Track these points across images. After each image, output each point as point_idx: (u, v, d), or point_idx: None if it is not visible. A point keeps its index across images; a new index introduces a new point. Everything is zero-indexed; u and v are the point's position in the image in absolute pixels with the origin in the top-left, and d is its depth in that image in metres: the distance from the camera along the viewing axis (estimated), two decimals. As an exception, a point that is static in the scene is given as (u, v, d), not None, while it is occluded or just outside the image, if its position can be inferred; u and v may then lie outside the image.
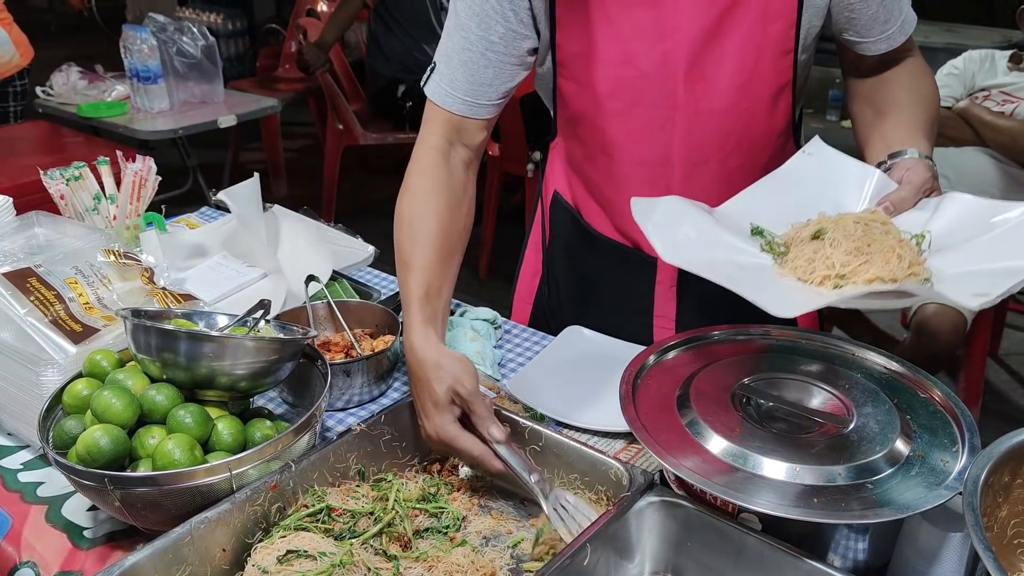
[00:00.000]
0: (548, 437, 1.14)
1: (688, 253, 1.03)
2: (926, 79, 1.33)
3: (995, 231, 1.01)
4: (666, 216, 1.08)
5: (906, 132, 1.22)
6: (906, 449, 1.01)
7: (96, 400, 1.05)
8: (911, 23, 1.30)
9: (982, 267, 0.98)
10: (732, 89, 1.26)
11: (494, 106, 1.32)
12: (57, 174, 1.56)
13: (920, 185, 1.10)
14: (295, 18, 4.97)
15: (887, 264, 0.98)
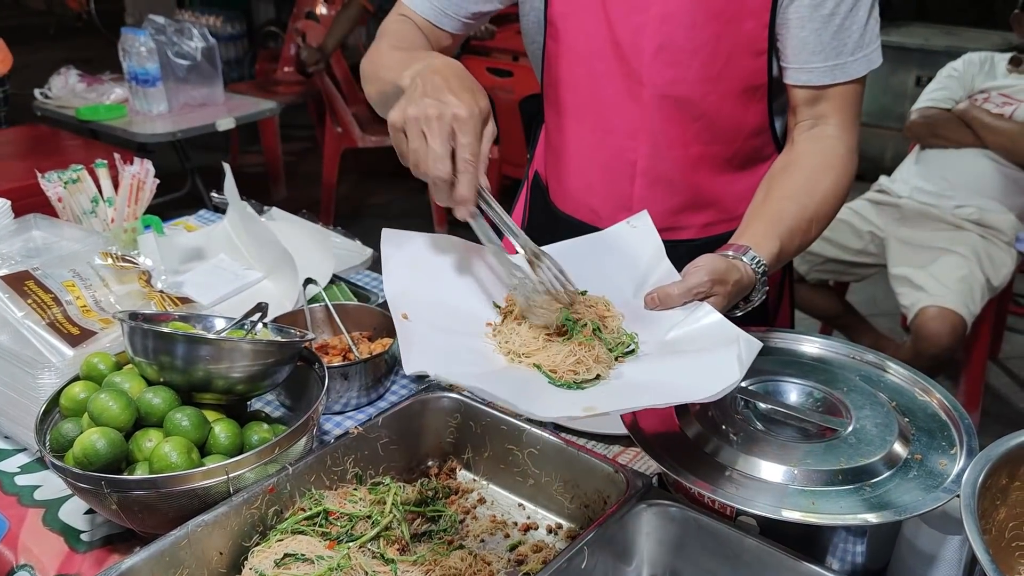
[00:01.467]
0: (546, 441, 1.14)
1: (403, 285, 1.03)
2: (831, 173, 1.23)
3: (699, 355, 0.98)
4: (416, 249, 1.07)
5: (760, 227, 1.17)
6: (904, 452, 1.01)
7: (93, 403, 1.05)
8: (843, 72, 1.23)
9: (653, 381, 0.97)
10: (702, 80, 1.26)
11: (459, 21, 1.36)
12: (55, 177, 1.56)
13: (691, 287, 1.05)
14: (294, 21, 4.97)
15: (556, 356, 0.97)
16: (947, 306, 2.45)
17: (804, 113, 1.28)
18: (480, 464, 1.21)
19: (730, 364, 0.93)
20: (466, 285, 1.08)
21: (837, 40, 1.22)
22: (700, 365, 0.96)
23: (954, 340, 2.45)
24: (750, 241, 1.14)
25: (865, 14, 1.22)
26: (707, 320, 1.03)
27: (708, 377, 0.91)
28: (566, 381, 0.97)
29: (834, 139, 1.26)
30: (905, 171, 2.90)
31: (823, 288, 2.90)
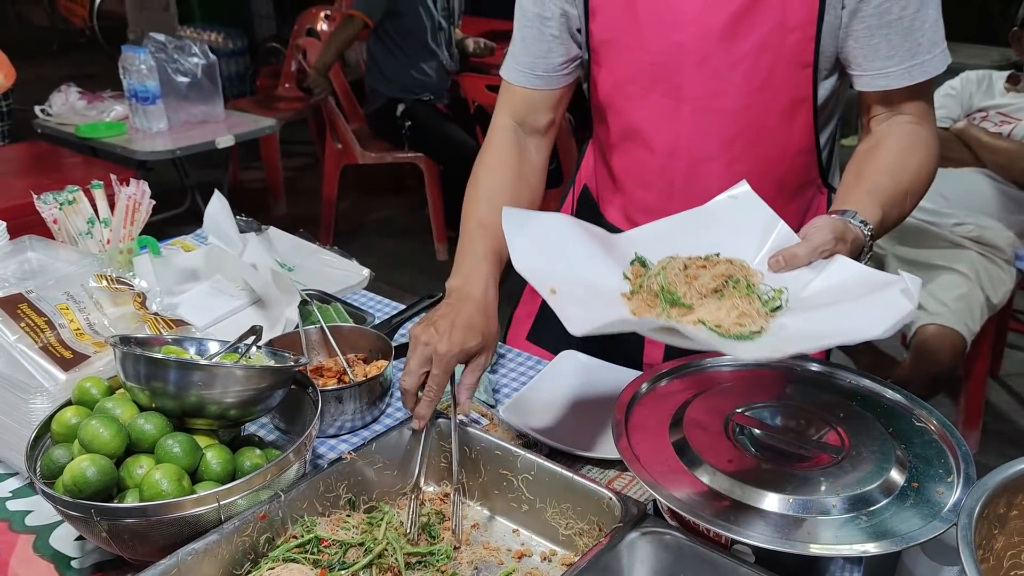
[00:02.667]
0: (540, 466, 1.13)
1: (537, 262, 1.05)
2: (919, 151, 1.26)
3: (859, 299, 1.00)
4: (539, 229, 1.10)
5: (861, 195, 1.20)
6: (901, 479, 1.00)
7: (84, 429, 1.05)
8: (919, 74, 1.23)
9: (821, 327, 0.98)
10: (745, 92, 1.27)
11: (552, 78, 1.41)
12: (50, 198, 1.56)
13: (817, 246, 1.08)
14: (295, 38, 5.00)
15: (716, 312, 1.00)
16: (947, 324, 2.44)
17: (878, 109, 1.29)
18: (474, 489, 1.20)
19: (898, 300, 0.94)
20: (591, 259, 1.10)
21: (910, 41, 1.22)
22: (865, 307, 0.97)
23: (954, 358, 2.44)
24: (854, 206, 1.15)
25: (935, 11, 1.22)
26: (851, 270, 1.05)
27: (879, 315, 0.93)
28: (734, 334, 0.98)
29: (914, 124, 1.27)
30: (904, 189, 2.90)
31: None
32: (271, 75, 5.56)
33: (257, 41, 6.85)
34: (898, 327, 0.92)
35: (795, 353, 0.95)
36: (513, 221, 1.08)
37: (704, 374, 1.20)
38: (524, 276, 1.04)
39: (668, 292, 1.03)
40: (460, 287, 1.26)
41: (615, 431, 1.08)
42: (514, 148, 1.42)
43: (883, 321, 0.92)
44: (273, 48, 6.31)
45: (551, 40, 1.38)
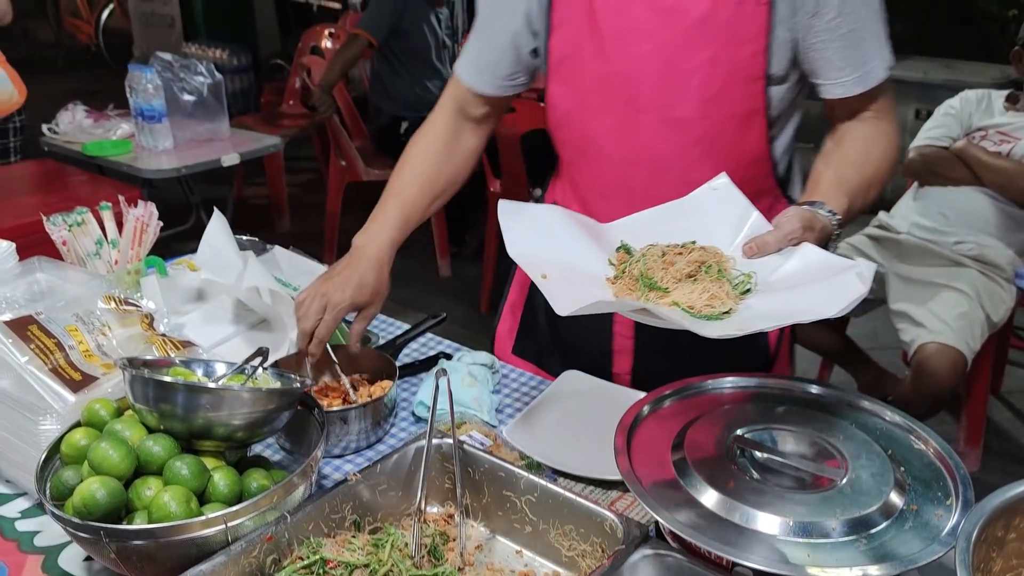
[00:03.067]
0: (543, 488, 1.15)
1: (529, 250, 1.14)
2: (880, 143, 1.36)
3: (818, 282, 1.10)
4: (533, 220, 1.19)
5: (829, 187, 1.29)
6: (900, 502, 1.01)
7: (93, 452, 1.06)
8: (872, 78, 1.32)
9: (781, 308, 1.08)
10: (699, 102, 1.33)
11: (498, 86, 1.50)
12: (60, 220, 1.58)
13: (786, 234, 1.17)
14: (299, 55, 5.04)
15: (690, 294, 1.09)
16: (947, 343, 2.45)
17: (841, 110, 1.38)
18: (478, 510, 1.21)
19: (853, 282, 1.04)
20: (580, 246, 1.19)
21: (860, 52, 1.31)
22: (823, 289, 1.06)
23: (955, 377, 2.45)
24: (822, 197, 1.25)
25: (877, 21, 1.31)
26: (813, 256, 1.14)
27: (835, 296, 1.02)
28: (705, 314, 1.07)
29: (875, 119, 1.37)
30: (904, 207, 2.91)
31: (824, 324, 2.90)
32: (275, 92, 5.60)
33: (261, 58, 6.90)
34: (851, 307, 1.02)
35: (757, 330, 1.03)
36: (508, 212, 1.18)
37: (705, 396, 1.22)
38: (517, 262, 1.13)
39: (647, 277, 1.12)
40: (363, 245, 1.44)
41: (617, 454, 1.09)
42: (449, 130, 1.53)
43: (838, 302, 1.01)
44: (277, 65, 6.36)
45: (502, 51, 1.46)
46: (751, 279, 1.13)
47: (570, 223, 1.21)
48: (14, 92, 3.35)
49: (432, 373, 1.48)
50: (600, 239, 1.22)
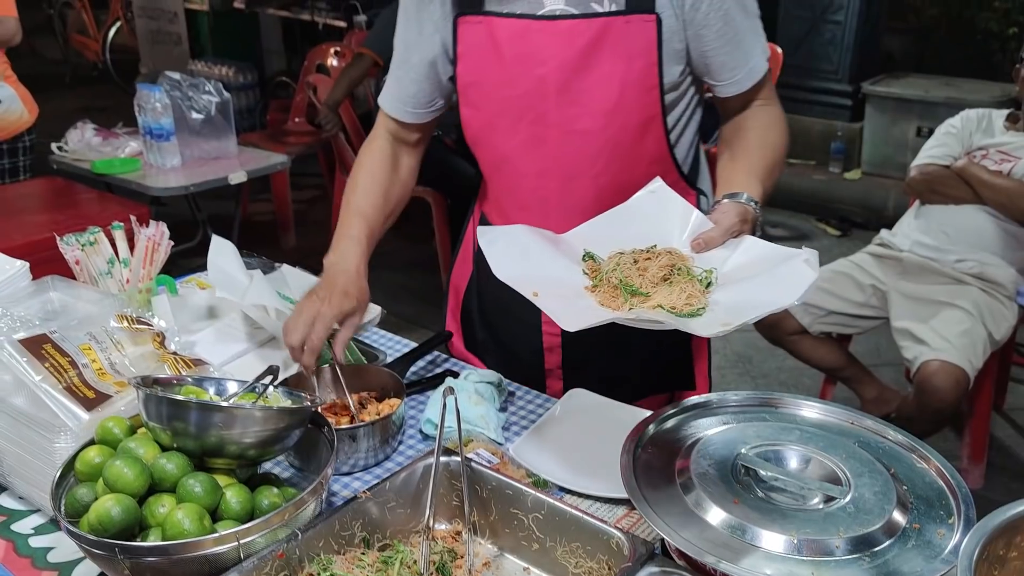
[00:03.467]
0: (551, 506, 1.16)
1: (515, 270, 1.20)
2: (775, 127, 1.51)
3: (771, 273, 1.18)
4: (508, 241, 1.26)
5: (743, 176, 1.41)
6: (903, 520, 1.02)
7: (108, 469, 1.08)
8: (758, 72, 1.47)
9: (746, 300, 1.16)
10: (600, 114, 1.44)
11: (420, 114, 1.60)
12: (73, 240, 1.61)
13: (728, 227, 1.28)
14: (305, 74, 5.08)
15: (669, 296, 1.17)
16: (950, 360, 2.47)
17: (735, 102, 1.51)
18: (486, 528, 1.22)
19: (802, 271, 1.14)
20: (553, 260, 1.27)
21: (743, 51, 1.45)
22: (778, 279, 1.16)
23: (958, 394, 2.46)
24: (740, 187, 1.36)
25: (751, 21, 1.45)
26: (759, 248, 1.24)
27: (790, 286, 1.12)
28: (687, 312, 1.15)
29: (766, 105, 1.52)
30: (905, 225, 2.93)
31: (826, 340, 2.92)
32: (281, 109, 5.64)
33: (267, 75, 6.96)
34: (808, 294, 1.12)
35: (740, 324, 1.11)
36: (487, 237, 1.25)
37: (709, 415, 1.23)
38: (508, 283, 1.19)
39: (628, 284, 1.20)
40: (336, 262, 1.51)
41: (623, 471, 1.10)
42: (388, 153, 1.64)
43: (795, 290, 1.11)
44: (283, 82, 6.41)
45: (419, 82, 1.56)
46: (712, 274, 1.22)
47: (538, 239, 1.29)
48: (24, 112, 3.39)
49: (439, 391, 1.51)
50: (565, 249, 1.30)
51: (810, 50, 5.52)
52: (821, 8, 5.45)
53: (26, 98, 3.43)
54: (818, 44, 5.52)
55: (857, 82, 5.43)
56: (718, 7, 1.39)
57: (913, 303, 2.70)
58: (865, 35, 5.45)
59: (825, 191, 5.35)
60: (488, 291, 1.72)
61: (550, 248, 1.28)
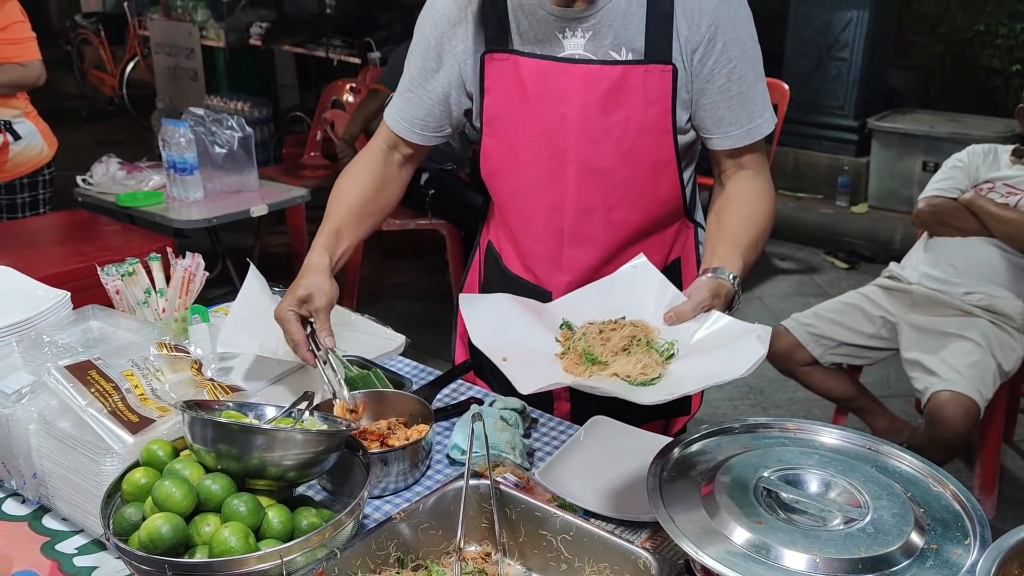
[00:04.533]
0: (579, 527, 1.20)
1: (490, 338, 1.28)
2: (762, 200, 1.55)
3: (726, 347, 1.25)
4: (488, 310, 1.35)
5: (726, 250, 1.46)
6: (921, 541, 1.06)
7: (158, 489, 1.13)
8: (756, 133, 1.52)
9: (697, 372, 1.23)
10: (617, 154, 1.51)
11: (424, 136, 1.66)
12: (113, 270, 1.67)
13: (699, 302, 1.33)
14: (321, 110, 5.18)
15: (626, 365, 1.24)
16: (960, 391, 2.50)
17: (727, 164, 1.57)
18: (515, 549, 1.26)
19: (753, 345, 1.20)
20: (531, 328, 1.35)
21: (747, 110, 1.50)
22: (731, 352, 1.22)
23: (968, 424, 2.49)
24: (721, 263, 1.42)
25: (761, 86, 1.51)
26: (722, 323, 1.31)
27: (741, 359, 1.18)
28: (641, 381, 1.22)
29: (756, 178, 1.57)
30: (914, 258, 2.98)
31: (837, 371, 2.96)
32: (295, 143, 5.74)
33: (281, 110, 7.08)
34: (755, 366, 1.17)
35: (683, 394, 1.19)
36: (468, 304, 1.35)
37: (732, 440, 1.28)
38: (481, 349, 1.27)
39: (589, 354, 1.27)
40: (308, 262, 1.56)
41: (650, 493, 1.14)
42: (381, 163, 1.69)
43: (744, 363, 1.17)
44: (297, 117, 6.52)
45: (431, 107, 1.62)
46: (673, 346, 1.29)
47: (520, 308, 1.37)
48: (44, 147, 3.49)
49: (464, 417, 1.55)
50: (545, 319, 1.37)
51: (816, 86, 5.62)
52: (827, 45, 5.55)
53: (46, 133, 3.53)
54: (824, 81, 5.61)
55: (863, 118, 5.51)
56: (724, 63, 1.45)
57: (923, 335, 2.75)
58: (870, 72, 5.55)
59: (832, 225, 5.41)
60: None
61: (529, 317, 1.36)
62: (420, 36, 1.61)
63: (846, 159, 5.60)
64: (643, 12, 1.44)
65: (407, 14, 6.42)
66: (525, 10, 1.49)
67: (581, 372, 1.25)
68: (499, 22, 1.52)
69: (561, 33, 1.48)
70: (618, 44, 1.46)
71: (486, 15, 1.53)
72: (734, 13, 1.46)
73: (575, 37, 1.47)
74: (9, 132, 3.40)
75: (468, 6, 1.54)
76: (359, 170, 1.69)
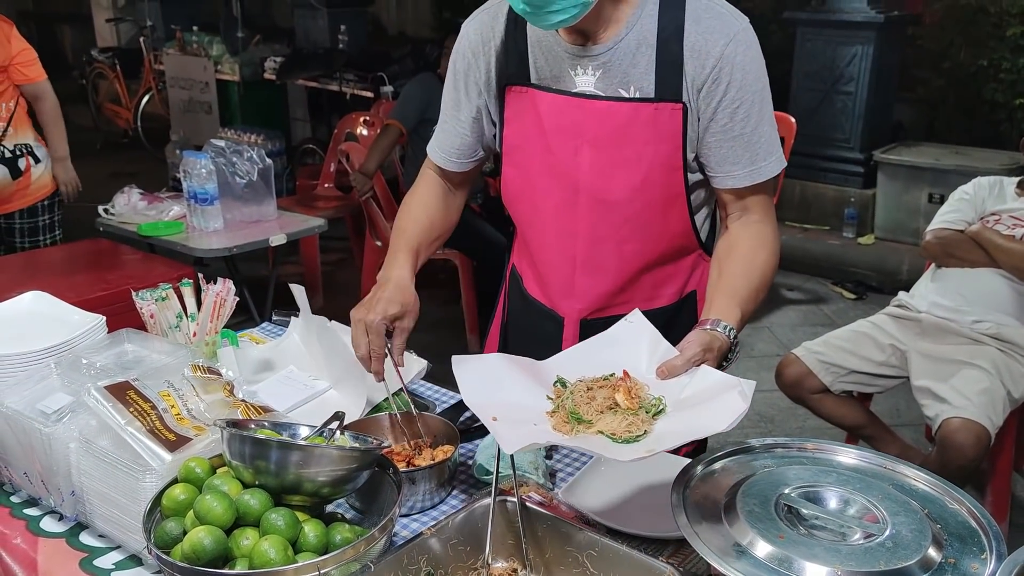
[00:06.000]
0: (604, 544, 1.24)
1: (481, 398, 1.30)
2: (764, 248, 1.56)
3: (710, 402, 1.28)
4: (482, 370, 1.36)
5: (724, 300, 1.49)
6: (938, 556, 1.09)
7: (199, 504, 1.17)
8: (759, 176, 1.54)
9: (679, 428, 1.26)
10: (628, 188, 1.56)
11: (463, 163, 1.74)
12: (147, 295, 1.72)
13: (690, 357, 1.36)
14: (336, 141, 5.27)
15: (611, 423, 1.27)
16: (971, 418, 2.53)
17: (733, 207, 1.59)
18: (540, 565, 1.30)
19: (736, 401, 1.23)
20: (523, 387, 1.37)
21: (750, 151, 1.52)
22: (715, 408, 1.25)
23: (979, 451, 2.52)
24: (718, 314, 1.45)
25: (767, 129, 1.53)
26: (710, 378, 1.33)
27: (723, 415, 1.21)
28: (625, 438, 1.25)
29: (760, 224, 1.58)
30: (923, 287, 3.03)
31: (848, 399, 2.99)
32: (308, 175, 5.83)
33: (293, 142, 7.19)
34: (737, 421, 1.19)
35: (662, 450, 1.22)
36: (461, 364, 1.36)
37: (753, 459, 1.31)
38: (471, 408, 1.29)
39: (573, 412, 1.31)
40: (385, 276, 1.62)
41: (674, 509, 1.18)
42: (440, 188, 1.79)
43: (726, 418, 1.20)
44: (309, 149, 6.63)
45: (464, 136, 1.70)
46: (662, 402, 1.32)
47: (514, 367, 1.39)
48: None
49: (487, 438, 1.59)
50: (539, 376, 1.40)
51: (823, 120, 5.70)
52: (832, 79, 5.64)
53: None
54: (830, 114, 5.70)
55: (869, 150, 5.59)
56: (728, 103, 1.48)
57: (933, 363, 2.78)
58: (876, 105, 5.63)
59: (840, 256, 5.46)
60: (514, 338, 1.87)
61: (522, 376, 1.38)
62: (451, 70, 1.69)
63: (853, 191, 5.66)
64: (652, 53, 1.49)
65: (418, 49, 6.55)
66: (542, 47, 1.56)
67: (568, 430, 1.28)
68: (520, 57, 1.59)
69: (574, 70, 1.54)
70: (627, 82, 1.52)
71: (508, 50, 1.60)
72: (743, 54, 1.48)
73: (586, 75, 1.53)
74: (31, 156, 3.54)
75: (492, 40, 1.62)
76: (424, 193, 1.77)
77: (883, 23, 5.48)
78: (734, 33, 1.48)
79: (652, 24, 1.49)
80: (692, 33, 1.48)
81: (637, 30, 1.49)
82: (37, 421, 1.40)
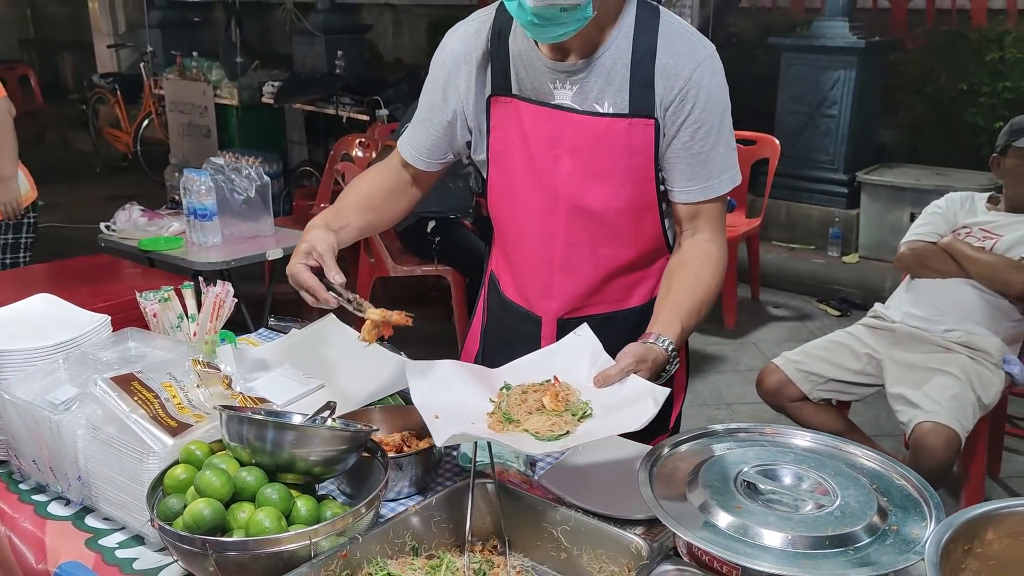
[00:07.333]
0: (576, 519, 1.33)
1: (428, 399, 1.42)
2: (710, 266, 1.67)
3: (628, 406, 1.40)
4: (432, 375, 1.49)
5: (666, 315, 1.60)
6: (882, 524, 1.19)
7: (199, 479, 1.26)
8: (711, 192, 1.65)
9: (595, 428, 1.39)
10: (603, 197, 1.66)
11: (430, 163, 1.81)
12: (150, 295, 1.82)
13: (623, 368, 1.46)
14: (332, 162, 5.39)
15: (536, 423, 1.40)
16: (941, 421, 2.62)
17: (686, 224, 1.70)
18: (519, 541, 1.38)
19: (647, 404, 1.36)
20: (469, 391, 1.50)
21: (704, 170, 1.63)
22: (632, 411, 1.38)
23: (949, 453, 2.61)
24: (659, 328, 1.57)
25: (723, 149, 1.64)
26: (635, 386, 1.45)
27: (637, 417, 1.33)
28: (547, 436, 1.38)
29: (709, 242, 1.69)
30: (897, 299, 3.13)
31: (826, 407, 3.08)
32: (305, 196, 5.93)
33: (290, 165, 7.31)
34: (646, 422, 1.31)
35: (574, 445, 1.39)
36: (412, 371, 1.48)
37: (715, 441, 1.41)
38: (418, 409, 1.40)
39: (507, 414, 1.43)
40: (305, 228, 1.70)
41: (641, 485, 1.28)
42: (394, 173, 1.85)
43: (637, 420, 1.32)
44: (306, 171, 6.75)
45: (436, 137, 1.77)
46: (588, 406, 1.44)
47: (463, 373, 1.52)
48: (28, 188, 3.71)
49: (473, 430, 1.68)
50: (488, 382, 1.52)
51: (808, 142, 5.84)
52: (816, 103, 5.79)
53: (27, 176, 3.75)
54: (814, 136, 5.84)
55: (852, 171, 5.72)
56: (691, 123, 1.59)
57: (906, 370, 2.88)
58: (859, 127, 5.77)
59: (825, 274, 5.58)
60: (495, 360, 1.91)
61: (470, 381, 1.51)
62: (431, 75, 1.79)
63: (837, 211, 5.79)
64: (626, 72, 1.60)
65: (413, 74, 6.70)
66: (523, 60, 1.67)
67: (500, 429, 1.40)
68: (503, 69, 1.69)
69: (553, 83, 1.64)
70: (601, 98, 1.62)
71: (492, 62, 1.71)
72: (708, 79, 1.59)
73: (564, 88, 1.64)
74: None
75: (474, 51, 1.72)
76: (373, 171, 1.88)
77: (864, 48, 5.64)
78: (702, 59, 1.60)
79: (627, 45, 1.60)
80: (664, 55, 1.59)
81: (613, 50, 1.60)
82: (46, 410, 1.49)
